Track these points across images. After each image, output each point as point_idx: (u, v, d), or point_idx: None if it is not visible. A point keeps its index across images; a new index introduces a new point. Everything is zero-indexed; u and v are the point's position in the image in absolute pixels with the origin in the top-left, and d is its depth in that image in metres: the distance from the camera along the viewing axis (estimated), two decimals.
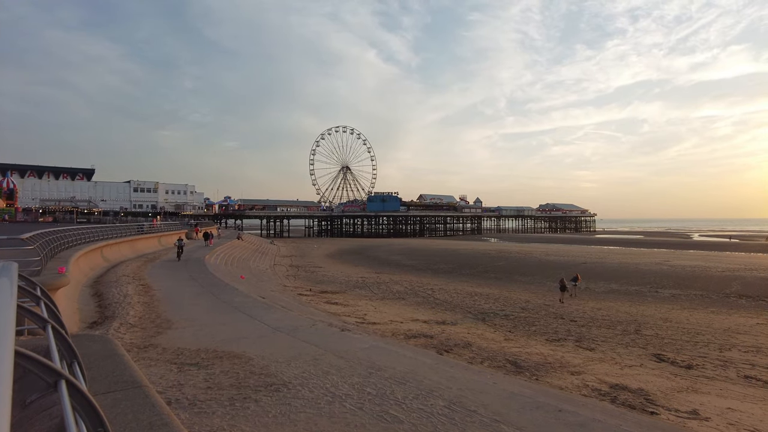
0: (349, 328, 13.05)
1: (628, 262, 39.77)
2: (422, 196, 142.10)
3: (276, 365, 8.46)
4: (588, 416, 6.51)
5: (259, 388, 7.15)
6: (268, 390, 7.09)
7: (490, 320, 18.75)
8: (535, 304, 22.78)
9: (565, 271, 34.85)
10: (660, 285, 28.47)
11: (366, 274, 36.56)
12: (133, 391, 3.85)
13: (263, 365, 8.43)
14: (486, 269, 38.97)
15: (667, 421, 8.13)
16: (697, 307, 21.91)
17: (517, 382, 8.98)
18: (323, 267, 42.28)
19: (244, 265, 36.78)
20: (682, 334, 16.48)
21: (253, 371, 8.05)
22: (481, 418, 6.17)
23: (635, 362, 12.74)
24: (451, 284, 30.28)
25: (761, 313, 20.37)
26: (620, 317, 19.44)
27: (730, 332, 16.73)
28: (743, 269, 33.52)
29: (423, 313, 19.71)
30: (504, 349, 13.52)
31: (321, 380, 7.63)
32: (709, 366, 12.54)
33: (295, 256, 55.88)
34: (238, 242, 53.58)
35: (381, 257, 52.73)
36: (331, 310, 18.73)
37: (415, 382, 7.69)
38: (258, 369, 8.19)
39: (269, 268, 39.92)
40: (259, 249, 56.44)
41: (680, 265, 37.06)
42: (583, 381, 10.51)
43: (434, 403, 6.68)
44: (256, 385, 7.29)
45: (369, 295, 25.06)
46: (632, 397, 9.46)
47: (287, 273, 36.84)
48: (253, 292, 20.13)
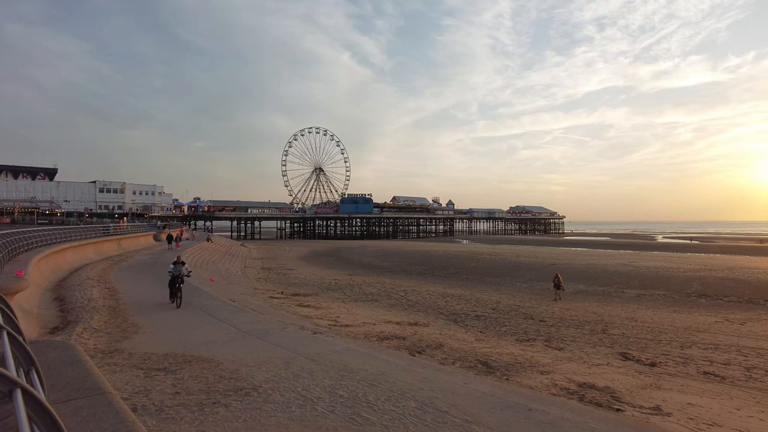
0: (322, 330, 12.96)
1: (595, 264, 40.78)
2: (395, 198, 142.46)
3: (246, 369, 8.33)
4: (557, 415, 6.63)
5: (228, 393, 7.02)
6: (238, 394, 6.98)
7: (462, 321, 18.92)
8: (505, 304, 23.11)
9: (535, 273, 35.49)
10: (626, 285, 29.28)
11: (339, 276, 36.40)
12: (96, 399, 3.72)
13: (233, 369, 8.28)
14: (458, 271, 39.32)
15: (632, 417, 8.35)
16: (660, 307, 22.63)
17: (488, 382, 9.08)
18: (295, 269, 41.90)
19: (214, 268, 36.11)
20: (647, 333, 16.99)
21: (223, 375, 7.91)
22: (453, 419, 6.22)
23: (602, 361, 13.06)
24: (423, 286, 30.43)
25: (719, 312, 21.18)
26: (588, 317, 19.91)
27: (690, 330, 17.34)
28: (703, 270, 34.80)
29: (396, 315, 19.74)
30: (475, 349, 13.66)
31: (292, 384, 7.55)
32: (671, 363, 12.96)
33: (266, 258, 55.20)
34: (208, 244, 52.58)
35: (354, 259, 52.60)
36: (303, 313, 18.57)
37: (388, 383, 7.69)
38: (228, 373, 8.04)
39: (240, 270, 39.31)
40: (229, 251, 55.51)
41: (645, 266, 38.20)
42: (552, 380, 10.71)
43: (406, 405, 6.70)
44: (225, 390, 7.16)
45: (342, 298, 24.95)
46: (599, 395, 9.69)
47: (258, 275, 36.35)
48: (223, 295, 19.79)
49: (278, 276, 36.26)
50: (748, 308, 22.19)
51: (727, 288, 26.97)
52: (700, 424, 8.21)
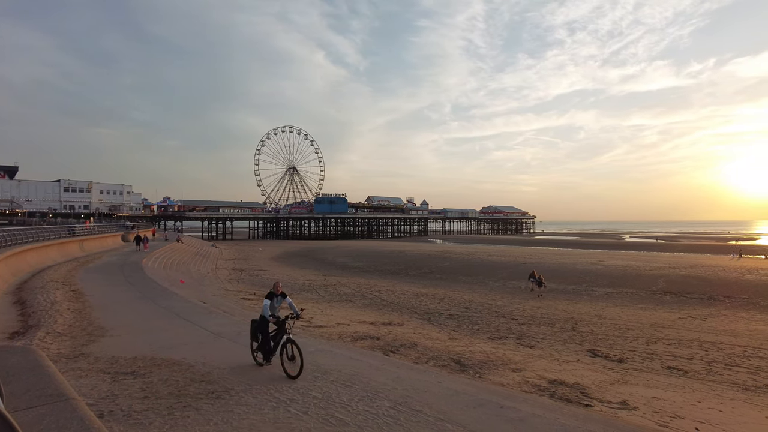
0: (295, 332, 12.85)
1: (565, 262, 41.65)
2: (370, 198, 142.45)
3: (218, 372, 8.20)
4: (528, 411, 6.75)
5: (200, 396, 6.90)
6: (209, 397, 6.86)
7: (436, 320, 19.06)
8: (478, 303, 23.38)
9: (507, 271, 36.04)
10: (595, 284, 30.01)
11: (313, 276, 36.17)
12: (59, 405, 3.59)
13: (204, 372, 8.14)
14: (432, 270, 39.58)
15: (600, 412, 8.56)
16: (627, 304, 23.27)
17: (461, 380, 9.18)
18: (268, 270, 41.44)
19: (184, 269, 35.41)
20: (615, 330, 17.45)
21: (194, 378, 7.76)
22: (426, 418, 6.26)
23: (572, 358, 13.35)
24: (398, 285, 30.52)
25: (682, 309, 21.93)
26: (558, 315, 20.32)
27: (656, 327, 17.89)
28: (668, 268, 35.96)
29: (370, 315, 19.74)
30: (449, 348, 13.77)
31: (265, 386, 7.47)
32: (637, 359, 13.35)
33: (238, 259, 54.42)
34: (178, 245, 51.51)
35: (328, 259, 52.35)
36: None
37: (361, 383, 7.69)
38: (199, 376, 7.90)
39: (211, 271, 38.64)
40: (200, 252, 54.50)
41: (613, 264, 39.23)
42: (524, 377, 10.88)
43: (380, 404, 6.71)
44: (196, 393, 7.03)
45: (316, 298, 24.81)
46: (569, 392, 9.89)
47: (230, 277, 35.80)
48: (194, 296, 19.43)
49: (250, 277, 35.80)
50: (708, 304, 23.04)
51: (690, 285, 27.94)
52: (664, 417, 8.48)
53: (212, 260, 49.26)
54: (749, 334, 16.76)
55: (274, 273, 38.67)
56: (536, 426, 6.18)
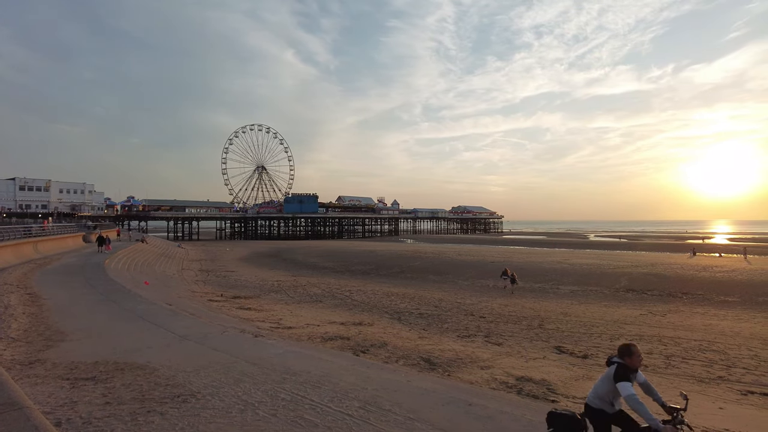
0: (263, 333, 12.69)
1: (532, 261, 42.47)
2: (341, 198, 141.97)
3: (184, 375, 8.01)
4: (496, 408, 6.85)
5: (165, 400, 6.72)
6: (175, 401, 6.69)
7: (406, 319, 19.15)
8: (448, 302, 23.61)
9: (476, 270, 36.50)
10: (560, 282, 30.72)
11: (282, 277, 35.78)
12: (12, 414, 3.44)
13: (170, 376, 7.94)
14: (402, 269, 39.73)
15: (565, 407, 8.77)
16: (592, 302, 23.93)
17: (431, 378, 9.25)
18: (236, 271, 40.76)
19: (149, 270, 34.46)
20: (580, 326, 17.91)
21: (159, 382, 7.56)
22: (396, 417, 6.27)
23: (539, 355, 13.63)
24: (368, 285, 30.50)
25: (644, 305, 22.70)
26: (525, 313, 20.72)
27: (619, 323, 18.46)
28: (630, 266, 37.13)
29: (340, 315, 19.67)
30: (418, 347, 13.86)
31: (233, 388, 7.34)
32: (601, 355, 13.72)
33: (205, 260, 53.32)
34: (142, 245, 50.12)
35: (298, 260, 51.86)
36: (244, 316, 18.11)
37: (331, 384, 7.65)
38: (164, 380, 7.70)
39: (177, 273, 37.74)
40: (165, 253, 53.16)
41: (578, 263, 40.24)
42: (492, 375, 11.05)
43: (350, 405, 6.69)
44: (161, 397, 6.85)
45: (285, 299, 24.55)
46: (536, 388, 10.10)
47: (196, 278, 35.05)
48: (159, 298, 18.94)
49: (218, 278, 35.13)
50: (668, 301, 23.92)
51: (651, 283, 28.92)
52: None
53: (178, 261, 48.13)
54: (704, 328, 17.49)
55: (242, 274, 38.07)
56: (504, 422, 6.28)
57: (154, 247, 53.91)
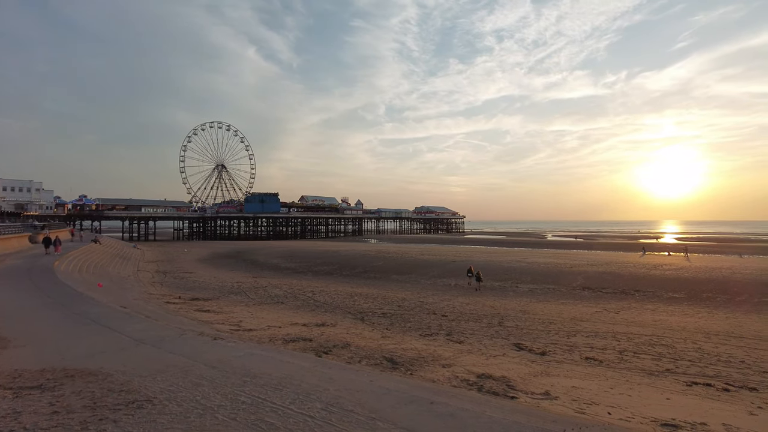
0: (223, 336, 12.44)
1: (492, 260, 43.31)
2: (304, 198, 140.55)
3: (139, 380, 7.74)
4: (457, 406, 6.95)
5: (118, 407, 6.48)
6: (129, 408, 6.46)
7: (369, 319, 19.16)
8: (410, 301, 23.78)
9: (439, 269, 36.92)
10: (519, 281, 31.47)
11: (242, 278, 35.11)
12: None
13: (124, 381, 7.66)
14: (366, 269, 39.73)
15: (525, 403, 9.00)
16: (550, 300, 24.63)
17: (393, 378, 9.29)
18: (194, 272, 39.71)
19: (103, 272, 33.13)
20: (538, 324, 18.40)
21: (112, 389, 7.28)
22: (358, 417, 6.27)
23: (499, 352, 13.92)
24: (331, 286, 30.35)
25: (599, 303, 23.55)
26: (486, 311, 21.12)
27: (575, 320, 19.08)
28: (585, 265, 38.44)
29: (302, 317, 19.49)
30: (381, 346, 13.90)
31: (191, 393, 7.15)
32: (558, 351, 14.17)
33: (162, 261, 51.71)
34: (95, 246, 48.12)
35: (259, 261, 51.01)
36: (203, 318, 17.68)
37: (293, 386, 7.57)
38: (118, 386, 7.42)
39: (132, 274, 36.44)
40: (120, 254, 51.23)
41: (536, 262, 41.32)
42: (453, 372, 11.21)
43: (312, 406, 6.64)
44: (115, 404, 6.60)
45: (245, 301, 24.11)
46: (496, 385, 10.32)
47: (153, 280, 33.94)
48: (113, 301, 18.24)
49: (175, 280, 34.14)
50: (621, 298, 24.91)
51: (606, 281, 30.03)
52: (581, 405, 9.07)
53: (134, 262, 46.48)
54: (654, 324, 18.31)
55: (201, 275, 37.14)
56: (465, 420, 6.38)
57: (108, 248, 51.85)
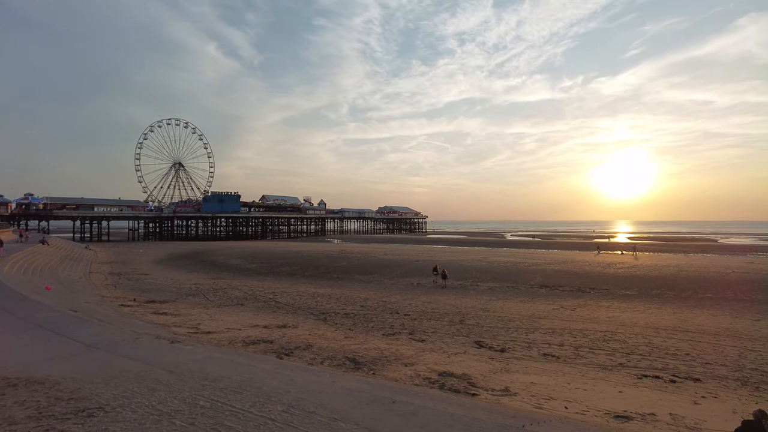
0: (180, 339, 12.10)
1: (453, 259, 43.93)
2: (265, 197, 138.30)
3: (90, 387, 7.43)
4: (419, 404, 7.01)
5: (67, 416, 6.19)
6: (79, 417, 6.19)
7: (332, 320, 19.06)
8: (373, 301, 23.80)
9: (401, 269, 37.15)
10: (480, 279, 32.04)
11: (201, 280, 34.25)
12: None
13: (73, 389, 7.33)
14: (328, 270, 39.51)
15: (485, 400, 9.17)
16: (509, 298, 25.18)
17: (355, 378, 9.28)
18: (150, 274, 38.44)
19: (51, 274, 31.59)
20: (498, 321, 18.78)
21: (60, 397, 6.95)
22: (320, 418, 6.23)
23: (460, 350, 14.13)
24: (293, 287, 30.02)
25: (556, 300, 24.25)
26: (447, 309, 21.38)
27: (533, 318, 19.58)
28: (543, 263, 39.55)
29: (263, 318, 19.18)
30: (344, 347, 13.85)
31: (146, 398, 6.92)
32: (517, 348, 14.50)
33: (116, 262, 49.78)
34: (43, 247, 45.82)
35: (218, 262, 49.88)
36: (160, 321, 17.13)
37: (253, 389, 7.44)
38: (67, 394, 7.10)
39: (83, 276, 34.91)
40: (70, 255, 49.00)
41: (496, 261, 42.19)
42: (416, 371, 11.30)
43: (273, 409, 6.55)
44: (63, 413, 6.30)
45: (204, 303, 23.53)
46: (457, 382, 10.46)
47: (106, 282, 32.64)
48: (63, 305, 17.44)
49: (130, 282, 32.94)
50: (577, 296, 25.74)
51: (562, 279, 30.98)
52: (539, 400, 9.32)
53: (86, 264, 44.56)
54: (608, 320, 19.02)
55: (158, 277, 35.98)
56: (426, 418, 6.44)
57: (57, 249, 49.47)
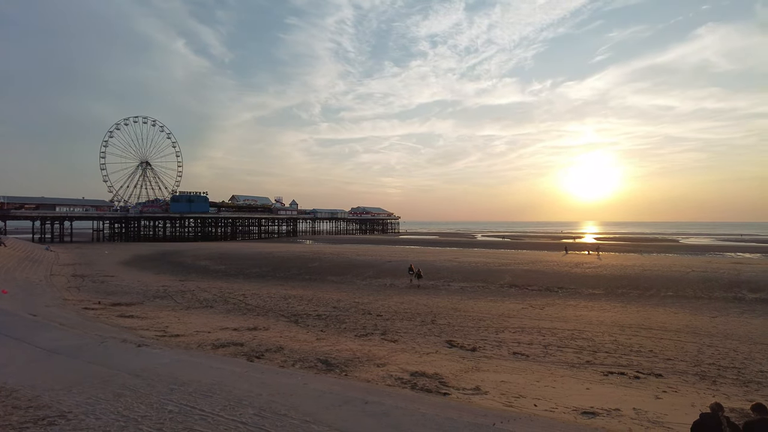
0: (148, 342, 11.79)
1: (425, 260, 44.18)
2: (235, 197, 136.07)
3: (51, 394, 7.16)
4: (391, 405, 7.03)
5: (25, 425, 5.96)
6: (38, 425, 5.96)
7: (303, 321, 18.91)
8: (346, 302, 23.73)
9: (374, 270, 37.14)
10: (451, 279, 32.32)
11: (169, 282, 33.46)
12: None
13: (32, 396, 7.05)
14: (300, 271, 39.17)
15: (456, 399, 9.26)
16: (480, 297, 25.49)
17: (328, 380, 9.23)
18: (116, 276, 37.33)
19: (8, 277, 30.33)
20: (469, 321, 19.00)
21: (18, 405, 6.68)
22: (291, 421, 6.17)
23: (432, 349, 14.23)
24: (264, 288, 29.64)
25: (525, 299, 24.69)
26: (419, 309, 21.51)
27: (503, 317, 19.88)
28: (513, 263, 40.17)
29: (233, 321, 18.89)
30: (316, 348, 13.77)
31: (112, 404, 6.71)
32: (488, 347, 14.70)
33: (79, 264, 48.13)
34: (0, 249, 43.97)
35: (187, 263, 48.81)
36: (126, 324, 16.66)
37: (223, 392, 7.32)
38: (25, 402, 6.82)
39: (44, 279, 33.63)
40: (29, 256, 47.14)
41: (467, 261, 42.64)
42: (388, 372, 11.32)
43: (243, 412, 6.45)
44: (21, 423, 6.05)
45: (172, 305, 22.99)
46: (429, 382, 10.53)
47: (69, 284, 31.52)
48: (21, 309, 16.77)
49: (94, 284, 31.91)
50: (546, 295, 26.26)
51: (531, 279, 31.53)
52: (509, 398, 9.47)
53: (46, 266, 42.94)
54: (576, 319, 19.48)
55: (124, 279, 34.98)
56: (398, 418, 6.46)
57: (14, 251, 47.53)
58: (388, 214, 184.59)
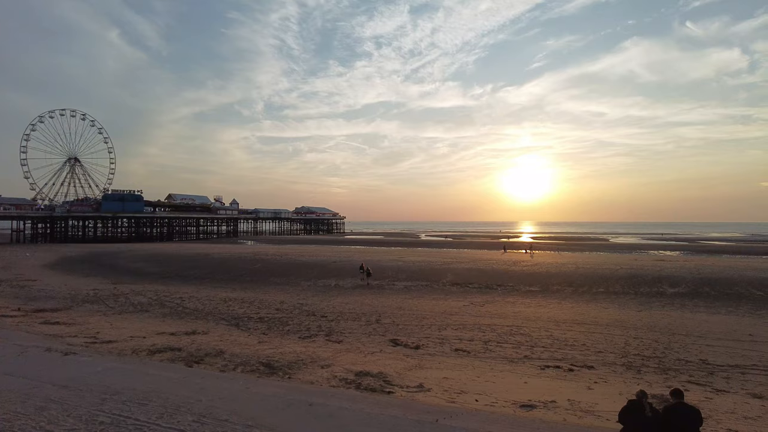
0: (76, 350, 11.09)
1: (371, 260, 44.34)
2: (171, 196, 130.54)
3: None
4: (336, 405, 7.01)
5: None
6: None
7: (245, 324, 18.45)
8: (290, 304, 23.39)
9: (319, 270, 36.85)
10: (396, 278, 32.64)
11: (100, 285, 31.58)
12: None
13: None
14: (241, 273, 38.17)
15: (400, 397, 9.37)
16: (423, 296, 25.91)
17: (271, 383, 9.07)
18: (39, 280, 34.77)
19: None
20: (413, 319, 19.26)
21: None
22: (234, 426, 6.02)
23: (376, 349, 14.31)
24: (203, 291, 28.65)
25: (466, 297, 25.35)
26: (364, 309, 21.56)
27: (445, 314, 20.31)
28: (455, 262, 41.14)
29: (170, 325, 18.12)
30: (258, 352, 13.48)
31: (33, 419, 6.26)
32: (431, 345, 14.97)
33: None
34: None
35: (120, 265, 46.29)
36: (51, 332, 15.57)
37: (160, 400, 7.02)
38: None
39: None
40: None
41: (411, 260, 43.21)
42: (332, 372, 11.27)
43: (182, 420, 6.22)
44: None
45: (103, 310, 21.73)
46: (374, 381, 10.59)
47: None
48: None
49: (13, 289, 29.57)
50: (486, 292, 27.09)
51: (472, 277, 32.41)
52: (452, 394, 9.70)
53: None
54: (514, 315, 20.23)
55: (48, 283, 32.64)
56: (343, 419, 6.46)
57: None
58: (334, 214, 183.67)
